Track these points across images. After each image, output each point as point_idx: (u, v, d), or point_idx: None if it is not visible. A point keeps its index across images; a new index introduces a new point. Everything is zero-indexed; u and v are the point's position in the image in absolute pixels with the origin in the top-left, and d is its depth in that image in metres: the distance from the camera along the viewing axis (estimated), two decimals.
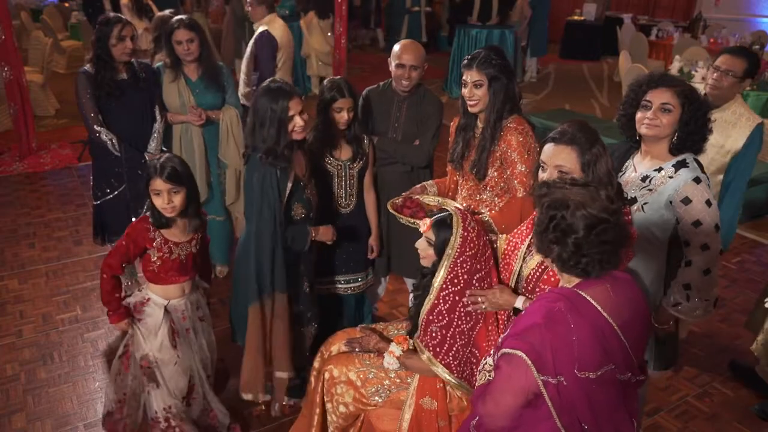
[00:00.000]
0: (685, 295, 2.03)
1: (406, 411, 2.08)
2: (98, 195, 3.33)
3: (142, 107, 3.25)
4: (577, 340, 1.39)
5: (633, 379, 1.48)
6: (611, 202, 1.45)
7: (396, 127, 2.92)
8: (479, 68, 2.33)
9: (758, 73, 2.81)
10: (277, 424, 2.72)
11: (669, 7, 12.55)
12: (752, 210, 4.99)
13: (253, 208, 2.36)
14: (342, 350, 2.35)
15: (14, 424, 2.69)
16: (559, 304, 1.43)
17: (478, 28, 8.71)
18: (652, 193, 2.02)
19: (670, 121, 2.00)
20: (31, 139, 5.88)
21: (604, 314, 1.43)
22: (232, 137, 3.44)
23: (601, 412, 1.45)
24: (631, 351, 1.46)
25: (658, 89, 2.02)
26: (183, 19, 3.22)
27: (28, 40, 8.18)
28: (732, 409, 2.92)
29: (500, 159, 2.40)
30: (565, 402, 1.42)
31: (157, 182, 2.13)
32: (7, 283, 3.77)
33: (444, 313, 1.95)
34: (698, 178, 1.96)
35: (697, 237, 1.97)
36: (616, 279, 1.51)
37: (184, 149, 3.42)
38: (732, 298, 3.86)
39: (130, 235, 2.23)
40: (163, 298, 2.31)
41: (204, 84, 3.35)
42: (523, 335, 1.43)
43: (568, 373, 1.39)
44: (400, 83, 2.82)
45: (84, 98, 3.11)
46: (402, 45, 2.81)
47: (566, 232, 1.43)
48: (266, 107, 2.29)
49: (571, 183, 1.53)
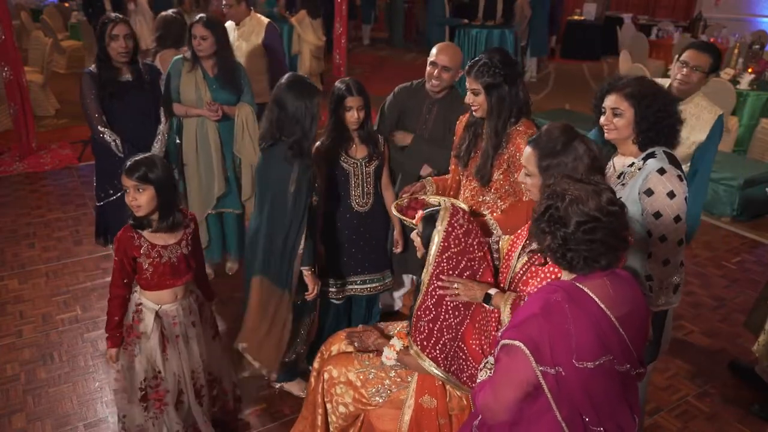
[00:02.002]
0: (648, 286, 2.05)
1: (405, 411, 2.08)
2: (101, 196, 3.32)
3: (147, 108, 3.26)
4: (575, 330, 1.40)
5: (632, 371, 1.49)
6: (611, 204, 1.46)
7: (424, 129, 2.94)
8: (476, 77, 2.32)
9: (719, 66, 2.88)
10: (277, 424, 2.72)
11: (669, 7, 12.56)
12: (752, 210, 4.99)
13: (267, 198, 2.43)
14: (342, 350, 2.35)
15: (14, 424, 2.69)
16: (556, 295, 1.45)
17: (478, 28, 8.71)
18: (625, 188, 2.03)
19: (623, 124, 2.02)
20: (31, 139, 5.88)
21: (602, 306, 1.44)
22: (248, 133, 3.46)
23: (601, 404, 1.46)
24: (630, 344, 1.47)
25: (609, 95, 2.06)
26: (204, 16, 3.28)
27: (28, 40, 8.18)
28: (732, 409, 2.92)
29: (507, 162, 2.38)
30: (564, 393, 1.43)
31: (123, 178, 2.11)
32: (7, 283, 3.77)
33: (431, 308, 1.95)
34: (662, 169, 1.96)
35: (656, 228, 1.98)
36: (616, 275, 1.52)
37: (200, 144, 3.44)
38: (732, 298, 3.87)
39: (119, 248, 2.18)
40: (155, 303, 2.26)
41: (221, 82, 3.37)
42: (521, 326, 1.44)
43: (567, 364, 1.40)
44: (430, 82, 2.85)
45: (88, 98, 3.12)
46: (440, 46, 2.86)
47: (558, 223, 1.46)
48: (298, 103, 2.35)
49: (579, 180, 1.54)
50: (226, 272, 3.92)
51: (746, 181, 4.83)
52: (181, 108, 3.38)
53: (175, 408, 2.34)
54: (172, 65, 3.39)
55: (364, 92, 2.61)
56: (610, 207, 1.45)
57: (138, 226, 2.18)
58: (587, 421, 1.46)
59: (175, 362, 2.31)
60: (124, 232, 2.18)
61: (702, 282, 4.05)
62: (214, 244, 3.76)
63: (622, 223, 1.48)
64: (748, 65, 6.58)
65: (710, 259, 4.38)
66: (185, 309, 2.34)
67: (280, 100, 2.39)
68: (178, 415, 2.36)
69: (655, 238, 1.99)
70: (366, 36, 12.88)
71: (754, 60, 6.71)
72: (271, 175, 2.43)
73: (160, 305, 2.27)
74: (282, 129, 2.40)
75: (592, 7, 12.07)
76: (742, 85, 6.09)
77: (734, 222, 4.95)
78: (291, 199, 2.39)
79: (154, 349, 2.25)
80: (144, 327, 2.25)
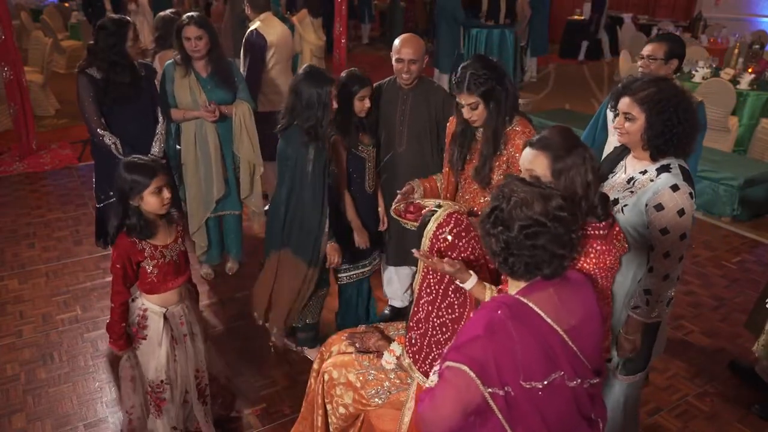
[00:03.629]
0: (645, 300, 2.04)
1: (405, 413, 2.08)
2: (101, 198, 3.29)
3: (145, 109, 3.22)
4: (520, 349, 1.34)
5: (585, 383, 1.42)
6: (560, 210, 1.39)
7: (402, 120, 2.98)
8: (470, 91, 2.29)
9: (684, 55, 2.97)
10: (277, 424, 2.72)
11: (669, 7, 12.56)
12: (752, 210, 4.99)
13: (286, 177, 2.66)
14: (342, 351, 2.35)
15: (14, 424, 2.69)
16: (500, 312, 1.38)
17: (478, 28, 8.71)
18: (633, 196, 2.00)
19: (635, 129, 1.97)
20: (31, 139, 5.88)
21: (548, 320, 1.38)
22: (246, 131, 3.46)
23: (554, 422, 1.40)
24: (583, 355, 1.41)
25: (623, 97, 2.01)
26: (193, 15, 3.22)
27: (28, 40, 8.19)
28: (732, 409, 2.92)
29: (507, 162, 2.38)
30: (516, 413, 1.37)
31: (160, 178, 2.08)
32: (7, 283, 3.77)
33: (422, 321, 1.94)
34: (676, 186, 1.92)
35: (661, 244, 1.96)
36: (567, 281, 1.46)
37: (199, 146, 3.43)
38: (732, 298, 3.86)
39: (121, 255, 2.13)
40: (162, 306, 2.24)
41: (215, 81, 3.35)
42: (465, 348, 1.38)
43: (515, 383, 1.34)
44: (400, 77, 2.89)
45: (86, 101, 3.07)
46: (401, 39, 2.87)
47: (501, 226, 1.40)
48: (311, 90, 2.55)
49: (529, 183, 1.48)
50: (227, 272, 3.92)
51: (746, 181, 4.83)
52: (178, 113, 3.36)
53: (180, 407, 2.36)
54: (165, 69, 3.36)
55: (370, 81, 2.79)
56: (557, 212, 1.38)
57: (146, 236, 2.14)
58: None
59: (182, 363, 2.32)
60: (123, 239, 2.13)
61: (702, 282, 4.05)
62: (214, 245, 3.76)
63: (571, 229, 1.41)
64: (748, 65, 6.57)
65: (710, 259, 4.38)
66: (188, 308, 2.34)
67: (297, 88, 2.60)
68: (181, 413, 2.37)
69: (659, 253, 1.97)
70: (365, 35, 12.89)
71: (754, 60, 6.71)
72: (289, 155, 2.64)
73: (167, 307, 2.25)
74: (297, 114, 2.61)
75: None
76: (742, 85, 6.08)
77: (734, 222, 4.94)
78: (309, 179, 2.61)
79: (163, 354, 2.24)
80: (152, 332, 2.23)
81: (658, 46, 2.89)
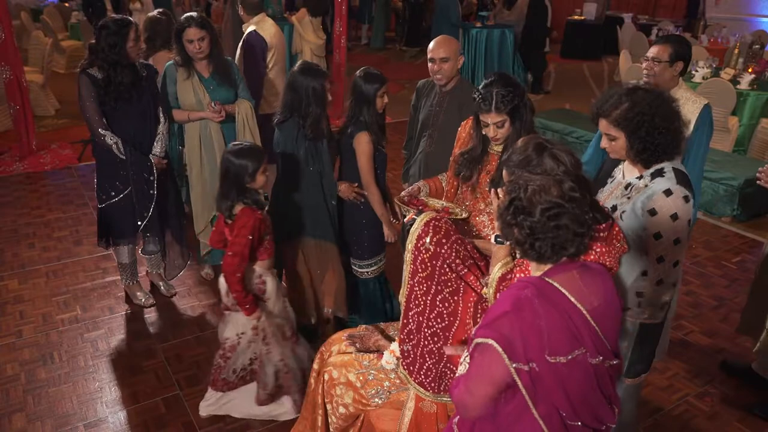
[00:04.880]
0: (637, 302, 2.03)
1: (405, 413, 2.08)
2: (103, 198, 3.26)
3: (146, 109, 3.19)
4: (546, 325, 1.40)
5: (606, 363, 1.48)
6: (573, 191, 1.46)
7: (435, 122, 3.05)
8: (498, 110, 2.21)
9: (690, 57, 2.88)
10: (277, 424, 2.72)
11: (669, 7, 12.56)
12: (752, 210, 4.99)
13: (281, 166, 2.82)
14: (342, 350, 2.35)
15: (14, 424, 2.69)
16: (526, 291, 1.45)
17: (477, 28, 8.71)
18: (629, 202, 2.00)
19: (619, 147, 1.98)
20: (31, 139, 5.88)
21: (572, 299, 1.44)
22: (249, 129, 3.46)
23: (576, 398, 1.45)
24: (603, 336, 1.47)
25: (599, 119, 2.00)
26: (194, 17, 3.20)
27: (28, 40, 8.18)
28: (732, 408, 2.92)
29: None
30: (540, 389, 1.43)
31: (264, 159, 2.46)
32: (7, 283, 3.77)
33: (413, 332, 1.94)
34: (669, 190, 1.91)
35: (654, 249, 1.95)
36: (588, 268, 1.52)
37: (204, 147, 3.43)
38: (732, 297, 3.86)
39: (254, 227, 2.42)
40: (267, 270, 2.59)
41: (217, 81, 3.35)
42: (493, 324, 1.44)
43: (540, 359, 1.40)
44: (434, 77, 2.97)
45: (88, 101, 3.04)
46: (434, 40, 2.97)
47: (523, 213, 1.46)
48: (306, 84, 2.66)
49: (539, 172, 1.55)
50: (203, 277, 3.87)
51: (746, 181, 4.83)
52: (181, 114, 3.35)
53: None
54: (166, 71, 3.34)
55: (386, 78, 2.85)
56: (572, 193, 1.45)
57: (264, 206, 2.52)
58: (564, 416, 1.46)
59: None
60: (250, 216, 2.43)
61: (702, 282, 4.05)
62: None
63: (585, 209, 1.47)
64: (748, 65, 6.58)
65: (710, 259, 4.38)
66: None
67: (293, 83, 2.70)
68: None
69: (652, 258, 1.97)
70: (364, 35, 12.87)
71: (754, 60, 6.71)
72: (284, 146, 2.76)
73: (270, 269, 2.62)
74: (294, 108, 2.70)
75: (593, 7, 12.05)
76: (742, 85, 6.08)
77: (734, 222, 4.94)
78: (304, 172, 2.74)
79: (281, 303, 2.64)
80: (269, 292, 2.59)
81: (663, 48, 2.77)
